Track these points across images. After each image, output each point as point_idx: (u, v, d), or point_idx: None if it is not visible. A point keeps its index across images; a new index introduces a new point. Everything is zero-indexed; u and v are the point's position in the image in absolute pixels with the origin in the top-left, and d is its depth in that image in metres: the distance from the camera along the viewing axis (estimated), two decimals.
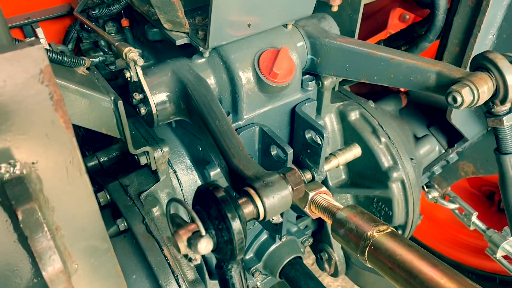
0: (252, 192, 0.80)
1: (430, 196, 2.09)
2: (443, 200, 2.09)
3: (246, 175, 0.85)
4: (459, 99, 1.06)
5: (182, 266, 1.24)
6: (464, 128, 1.65)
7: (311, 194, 1.17)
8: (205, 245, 0.72)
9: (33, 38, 1.25)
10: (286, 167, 0.91)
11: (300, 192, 0.86)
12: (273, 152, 1.29)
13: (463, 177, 1.98)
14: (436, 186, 2.08)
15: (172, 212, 0.81)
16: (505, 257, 1.84)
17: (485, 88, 1.08)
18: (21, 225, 0.63)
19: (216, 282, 1.47)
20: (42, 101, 0.65)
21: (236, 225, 0.73)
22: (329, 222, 1.14)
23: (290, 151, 1.21)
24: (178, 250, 0.75)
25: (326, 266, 1.85)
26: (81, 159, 0.75)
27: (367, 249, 1.02)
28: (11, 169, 0.67)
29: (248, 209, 0.79)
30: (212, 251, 0.77)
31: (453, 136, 1.86)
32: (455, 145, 1.84)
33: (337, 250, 1.82)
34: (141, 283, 1.22)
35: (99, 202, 1.35)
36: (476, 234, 2.44)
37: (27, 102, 0.64)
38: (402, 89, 1.99)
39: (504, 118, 1.16)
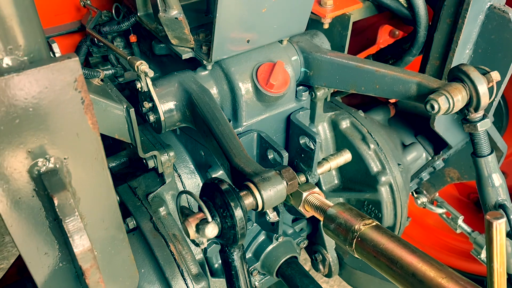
0: (251, 185, 0.92)
1: (419, 202, 2.21)
2: (432, 205, 2.21)
3: (246, 171, 0.96)
4: (436, 106, 1.19)
5: (186, 261, 1.34)
6: (447, 136, 1.77)
7: (304, 194, 1.28)
8: (211, 230, 0.83)
9: (69, 53, 1.36)
10: (282, 165, 1.03)
11: (293, 187, 0.98)
12: (270, 156, 1.41)
13: (449, 182, 2.09)
14: (424, 192, 2.20)
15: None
16: None
17: (459, 97, 1.20)
18: (57, 210, 0.75)
19: (217, 279, 1.57)
20: (75, 105, 0.77)
21: (238, 212, 0.85)
22: (321, 219, 1.26)
23: (285, 155, 1.33)
24: (188, 235, 0.86)
25: (321, 267, 1.95)
26: (104, 156, 0.87)
27: (355, 240, 1.13)
28: (47, 163, 0.79)
29: (248, 200, 0.91)
30: (217, 237, 0.88)
31: (439, 144, 1.98)
32: (441, 152, 1.96)
33: (330, 252, 1.93)
34: (149, 276, 1.33)
35: None
36: (463, 239, 2.56)
37: (63, 105, 0.76)
38: (390, 100, 2.13)
39: (478, 124, 1.29)
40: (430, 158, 2.02)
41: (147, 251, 1.34)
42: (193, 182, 1.57)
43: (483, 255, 1.94)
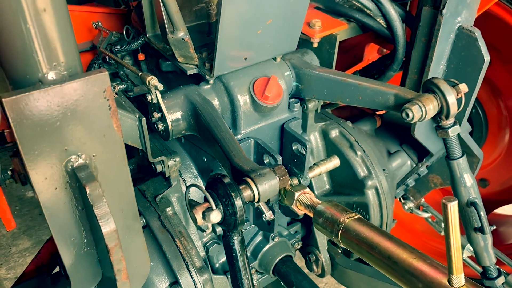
0: (249, 180, 1.08)
1: (406, 207, 2.36)
2: (418, 210, 2.36)
3: (244, 169, 1.13)
4: (410, 114, 1.36)
5: (191, 255, 1.49)
6: (428, 144, 1.94)
7: (296, 194, 1.44)
8: (215, 216, 0.99)
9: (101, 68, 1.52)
10: (275, 164, 1.19)
11: (285, 182, 1.14)
12: (266, 161, 1.57)
13: (433, 188, 2.25)
14: (411, 197, 2.35)
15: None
16: (471, 258, 2.09)
17: (431, 106, 1.37)
18: (88, 197, 0.90)
19: (218, 276, 1.72)
20: (103, 110, 0.93)
21: (238, 202, 1.01)
22: (311, 215, 1.41)
23: (279, 159, 1.49)
24: (195, 222, 1.02)
25: (314, 267, 2.10)
26: (125, 155, 1.03)
27: (340, 232, 1.29)
28: (79, 159, 0.95)
29: (246, 193, 1.07)
30: (220, 223, 1.04)
31: (422, 152, 2.15)
32: (424, 159, 2.12)
33: (323, 252, 2.07)
34: (157, 269, 1.47)
35: None
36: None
37: (94, 111, 0.92)
38: (378, 112, 2.30)
39: (449, 130, 1.45)
40: (414, 165, 2.18)
41: (156, 246, 1.49)
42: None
43: (465, 254, 2.09)
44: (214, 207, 1.00)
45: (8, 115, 0.79)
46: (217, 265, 1.85)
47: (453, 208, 0.91)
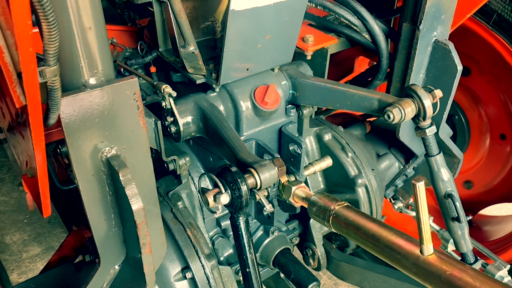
0: (252, 170, 1.28)
1: (396, 207, 2.54)
2: (407, 209, 2.54)
3: (248, 161, 1.32)
4: (391, 116, 1.56)
5: (200, 243, 1.68)
6: (413, 146, 2.14)
7: (293, 188, 1.64)
8: (224, 198, 1.18)
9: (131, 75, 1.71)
10: (274, 157, 1.39)
11: (282, 172, 1.33)
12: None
13: None
14: (400, 198, 2.54)
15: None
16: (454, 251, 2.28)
17: (409, 109, 1.58)
18: (121, 180, 1.10)
19: (223, 267, 1.90)
20: (133, 110, 1.13)
21: (244, 187, 1.20)
22: (306, 206, 1.61)
23: (278, 156, 1.69)
24: (207, 204, 1.21)
25: (311, 261, 2.27)
26: (149, 148, 1.22)
27: (331, 218, 1.48)
28: (111, 150, 1.15)
29: (250, 180, 1.26)
30: (228, 205, 1.23)
31: (409, 155, 2.35)
32: (410, 161, 2.32)
33: (319, 247, 2.25)
34: (170, 255, 1.65)
35: None
36: (437, 241, 2.88)
37: (124, 111, 1.12)
38: (368, 119, 2.50)
39: (427, 130, 1.66)
40: (402, 167, 2.38)
41: (169, 236, 1.67)
42: (203, 183, 1.91)
43: (450, 248, 2.27)
44: (223, 191, 1.20)
45: (60, 112, 0.99)
46: (222, 258, 2.03)
47: (420, 187, 1.10)
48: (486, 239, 2.74)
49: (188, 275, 1.61)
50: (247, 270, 1.37)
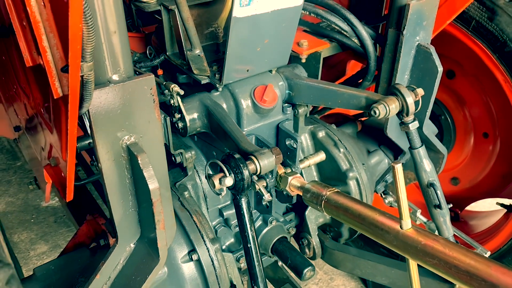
0: (253, 157, 1.45)
1: (386, 201, 2.71)
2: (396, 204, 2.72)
3: (249, 150, 1.49)
4: (377, 112, 1.73)
5: (205, 228, 1.84)
6: (399, 142, 2.31)
7: (289, 178, 1.82)
8: (229, 181, 1.36)
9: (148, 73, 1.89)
10: (272, 147, 1.56)
11: (279, 159, 1.50)
12: None
13: (408, 183, 2.61)
14: (390, 192, 2.71)
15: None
16: None
17: (393, 105, 1.75)
18: (140, 163, 1.26)
19: (225, 253, 2.06)
20: (149, 103, 1.30)
21: (245, 171, 1.37)
22: (301, 194, 1.78)
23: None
24: (213, 186, 1.38)
25: (307, 250, 2.43)
26: (163, 138, 1.39)
27: (323, 202, 1.65)
28: (131, 138, 1.32)
29: (251, 166, 1.43)
30: (231, 188, 1.40)
31: (397, 152, 2.52)
32: (398, 157, 2.49)
33: (314, 237, 2.41)
34: (178, 239, 1.82)
35: None
36: None
37: (142, 103, 1.29)
38: (361, 119, 2.68)
39: (410, 125, 1.83)
40: (391, 163, 2.55)
41: (177, 221, 1.82)
42: None
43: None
44: (227, 175, 1.37)
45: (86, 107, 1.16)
46: (224, 246, 2.20)
47: (398, 168, 1.28)
48: (472, 232, 2.91)
49: (194, 257, 1.77)
50: (248, 245, 1.54)
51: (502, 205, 2.73)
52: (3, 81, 2.10)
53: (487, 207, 3.24)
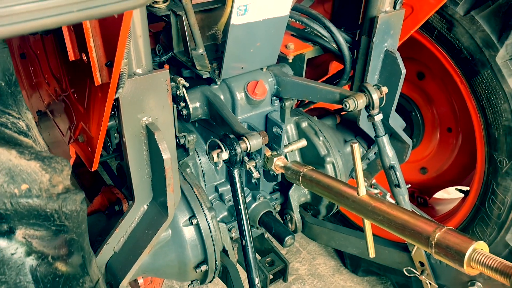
0: (244, 138, 1.82)
1: None
2: (370, 188, 3.10)
3: (241, 132, 1.86)
4: (347, 105, 2.11)
5: (204, 199, 2.21)
6: (370, 132, 2.69)
7: (275, 159, 2.19)
8: (225, 155, 1.73)
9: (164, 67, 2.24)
10: (260, 130, 1.93)
11: (265, 140, 1.87)
12: None
13: (380, 170, 2.99)
14: (364, 178, 3.09)
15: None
16: None
17: (361, 100, 2.13)
18: (156, 138, 1.63)
19: (219, 223, 2.43)
20: (164, 91, 1.66)
21: (238, 148, 1.75)
22: (283, 171, 2.16)
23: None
24: (212, 159, 1.75)
25: (289, 224, 2.81)
26: (173, 120, 1.76)
27: (300, 177, 2.03)
28: (149, 119, 1.68)
29: (243, 144, 1.80)
30: (226, 162, 1.77)
31: (371, 142, 2.90)
32: (371, 147, 2.87)
33: (296, 214, 2.78)
34: (181, 207, 2.17)
35: None
36: None
37: (158, 92, 1.65)
38: (342, 113, 3.05)
39: (375, 117, 2.20)
40: (365, 152, 2.93)
41: (180, 192, 2.20)
42: (205, 158, 2.45)
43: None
44: (224, 150, 1.74)
45: (119, 93, 1.53)
46: (218, 218, 2.57)
47: (356, 147, 1.65)
48: (437, 214, 3.30)
49: (194, 221, 2.14)
50: (239, 207, 1.91)
51: (460, 190, 3.12)
52: (32, 71, 2.45)
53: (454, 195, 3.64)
